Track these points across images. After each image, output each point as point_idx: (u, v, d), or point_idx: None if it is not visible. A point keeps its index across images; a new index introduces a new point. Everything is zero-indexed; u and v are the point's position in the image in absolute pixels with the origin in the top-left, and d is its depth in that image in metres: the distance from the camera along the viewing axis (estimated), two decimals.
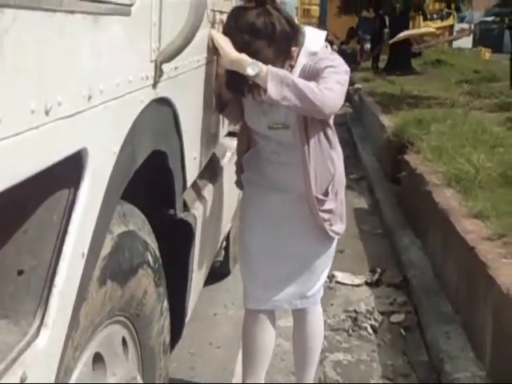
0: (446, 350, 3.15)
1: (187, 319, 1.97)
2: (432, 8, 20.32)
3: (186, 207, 1.85)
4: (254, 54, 1.98)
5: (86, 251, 1.00)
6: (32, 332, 0.85)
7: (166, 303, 1.67)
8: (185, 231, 1.81)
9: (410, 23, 20.32)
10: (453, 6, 13.60)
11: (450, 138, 5.47)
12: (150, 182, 1.49)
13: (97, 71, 0.98)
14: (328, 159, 2.31)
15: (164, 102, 1.34)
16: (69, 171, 0.91)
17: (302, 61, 2.17)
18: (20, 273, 0.83)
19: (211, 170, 2.44)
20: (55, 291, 0.89)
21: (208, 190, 2.30)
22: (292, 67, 2.15)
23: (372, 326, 3.60)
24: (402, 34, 14.86)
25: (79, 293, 0.98)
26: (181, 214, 1.77)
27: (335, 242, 2.49)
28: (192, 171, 1.83)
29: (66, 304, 0.94)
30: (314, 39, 2.21)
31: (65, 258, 0.91)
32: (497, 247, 3.16)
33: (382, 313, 3.76)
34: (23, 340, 0.82)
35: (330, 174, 2.33)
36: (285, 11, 2.13)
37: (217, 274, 3.65)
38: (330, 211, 2.35)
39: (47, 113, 0.80)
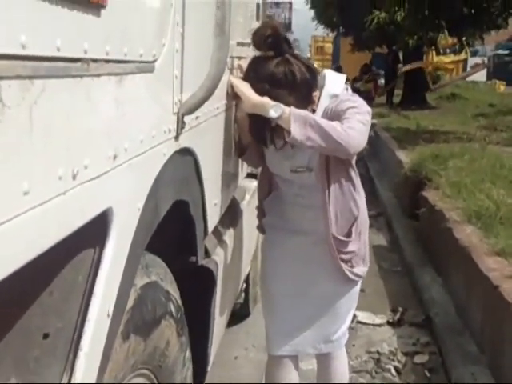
0: None
1: (209, 367, 1.94)
2: (445, 43, 20.42)
3: (207, 253, 1.84)
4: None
5: (111, 310, 0.99)
6: None
7: (188, 352, 1.64)
8: (206, 278, 1.80)
9: (424, 58, 20.46)
10: (464, 40, 13.63)
11: (469, 174, 5.44)
12: (171, 230, 1.48)
13: (122, 130, 0.98)
14: (351, 200, 2.30)
15: (186, 152, 1.34)
16: (94, 231, 0.91)
17: (323, 103, 2.18)
18: (45, 336, 0.82)
19: (231, 214, 2.43)
20: (81, 354, 0.88)
21: (228, 235, 2.29)
22: (314, 111, 2.16)
23: (395, 368, 3.53)
24: (416, 64, 14.93)
25: (104, 353, 0.96)
26: (202, 261, 1.76)
27: (359, 284, 2.46)
28: (213, 217, 1.82)
29: (92, 366, 0.93)
30: (334, 82, 2.23)
31: (90, 320, 0.90)
32: None
33: (405, 353, 3.69)
34: None
35: (353, 216, 2.31)
36: (303, 58, 2.16)
37: (237, 315, 3.62)
38: (352, 253, 2.32)
39: (74, 177, 0.80)
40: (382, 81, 20.50)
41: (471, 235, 4.06)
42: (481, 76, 29.08)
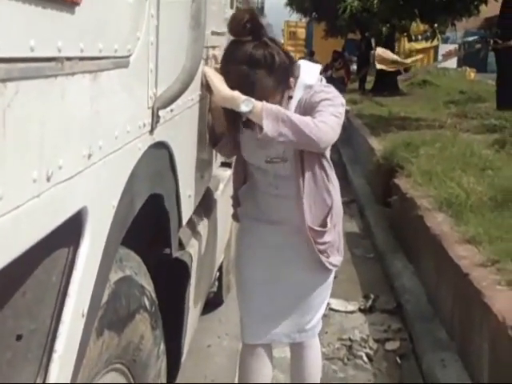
0: (441, 378, 3.13)
1: (183, 359, 1.94)
2: (416, 29, 20.54)
3: (181, 245, 1.83)
4: (253, 85, 1.99)
5: (85, 310, 0.97)
6: None
7: (162, 345, 1.64)
8: (181, 270, 1.79)
9: (396, 44, 20.55)
10: (436, 27, 13.73)
11: (440, 161, 5.49)
12: (145, 223, 1.46)
13: (97, 128, 0.97)
14: (324, 191, 2.29)
15: (160, 146, 1.33)
16: (68, 230, 0.90)
17: (297, 94, 2.17)
18: (18, 338, 0.81)
19: (205, 204, 2.42)
20: (55, 356, 0.87)
21: (202, 225, 2.28)
22: (290, 98, 2.16)
23: (367, 355, 3.58)
24: (390, 56, 14.92)
25: (79, 353, 0.95)
26: (176, 253, 1.75)
27: (333, 274, 2.46)
28: (187, 209, 1.81)
29: (66, 367, 0.92)
30: (309, 72, 2.22)
31: (64, 321, 0.89)
32: (491, 273, 3.15)
33: (376, 340, 3.74)
34: None
35: (327, 206, 2.31)
36: (280, 43, 2.16)
37: (210, 304, 3.62)
38: (327, 243, 2.32)
39: (48, 179, 0.78)
40: (354, 67, 20.57)
41: (442, 223, 4.11)
42: (451, 63, 29.31)
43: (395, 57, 15.47)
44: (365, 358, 3.54)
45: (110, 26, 0.98)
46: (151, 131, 1.23)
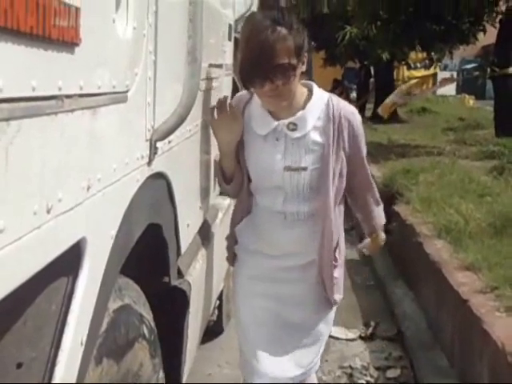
0: None
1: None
2: (415, 57, 20.74)
3: (180, 274, 1.85)
4: (275, 39, 1.91)
5: (84, 339, 1.00)
6: None
7: (161, 373, 1.65)
8: (180, 298, 1.81)
9: (395, 72, 20.73)
10: (434, 55, 13.87)
11: (439, 188, 5.53)
12: (144, 252, 1.49)
13: (95, 161, 1.00)
14: (341, 217, 2.27)
15: (158, 176, 1.36)
16: (68, 260, 0.92)
17: (317, 104, 2.15)
18: (19, 366, 0.83)
19: (204, 233, 2.44)
20: (55, 381, 0.89)
21: (201, 254, 2.30)
22: (303, 73, 2.12)
23: (368, 383, 3.57)
24: (389, 100, 14.98)
25: (78, 381, 0.97)
26: (175, 282, 1.77)
27: (334, 311, 2.38)
28: (186, 238, 1.84)
29: None
30: (319, 90, 2.22)
31: (64, 349, 0.91)
32: (490, 300, 3.17)
33: (377, 368, 3.73)
34: None
35: (337, 236, 2.23)
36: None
37: (210, 332, 3.62)
38: (336, 279, 2.24)
39: (48, 211, 0.82)
40: (354, 95, 20.72)
41: (441, 250, 4.12)
42: (450, 90, 29.54)
43: (391, 98, 15.59)
44: None
45: (108, 63, 1.02)
46: (149, 162, 1.26)
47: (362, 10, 11.59)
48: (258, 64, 1.91)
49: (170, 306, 1.77)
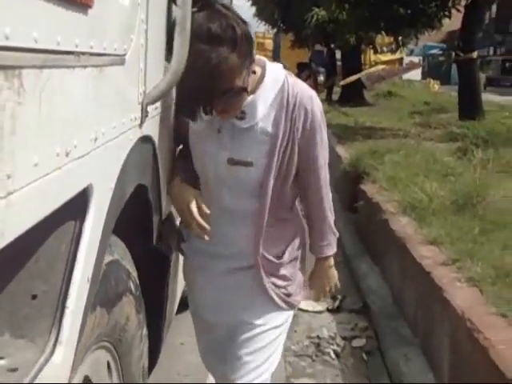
0: (405, 372, 3.28)
1: (163, 345, 2.05)
2: (382, 42, 20.95)
3: (161, 238, 1.93)
4: (217, 68, 1.60)
5: (90, 276, 1.09)
6: (48, 350, 0.94)
7: (145, 329, 1.75)
8: (161, 261, 1.90)
9: (362, 56, 20.92)
10: (400, 39, 14.06)
11: (404, 168, 5.68)
12: (129, 213, 1.57)
13: (101, 116, 1.09)
14: (293, 215, 2.08)
15: (146, 140, 1.45)
16: (76, 204, 1.01)
17: (270, 86, 1.84)
18: (34, 297, 0.92)
19: None
20: (67, 312, 0.98)
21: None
22: (253, 73, 1.80)
23: (335, 351, 3.71)
24: (354, 77, 15.24)
25: (84, 314, 1.07)
26: (157, 244, 1.86)
27: (291, 317, 2.14)
28: (167, 203, 1.92)
29: (76, 324, 1.04)
30: (274, 68, 1.89)
31: (74, 283, 1.00)
32: (451, 272, 3.30)
33: (343, 338, 3.88)
34: (42, 356, 0.92)
35: (292, 233, 2.07)
36: (235, 10, 1.74)
37: (183, 304, 3.71)
38: (284, 277, 2.03)
39: (67, 155, 0.90)
40: (321, 78, 20.86)
41: (406, 226, 4.26)
42: (416, 75, 29.90)
43: (356, 76, 15.80)
44: (332, 355, 3.67)
45: (112, 26, 1.11)
46: (140, 125, 1.34)
47: None
48: (199, 96, 1.66)
49: (151, 267, 1.85)
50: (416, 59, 33.38)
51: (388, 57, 23.76)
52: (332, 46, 20.11)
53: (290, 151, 1.87)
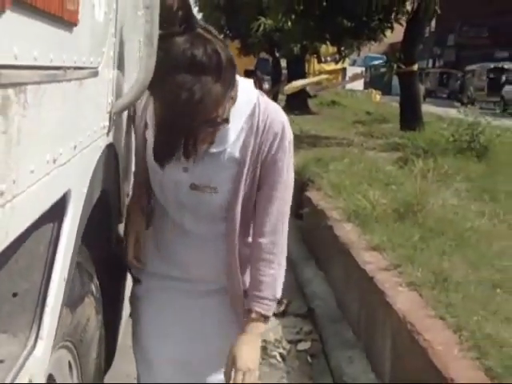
0: (348, 373, 3.39)
1: (116, 348, 2.09)
2: (325, 51, 21.32)
3: (118, 241, 1.98)
4: (201, 100, 1.47)
5: (66, 276, 1.14)
6: (30, 344, 1.00)
7: (102, 331, 1.80)
8: (118, 265, 1.95)
9: (306, 65, 21.24)
10: (343, 50, 14.38)
11: (348, 176, 5.84)
12: (91, 216, 1.62)
13: (79, 125, 1.15)
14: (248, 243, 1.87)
15: (111, 147, 1.50)
16: (54, 208, 1.06)
17: (242, 109, 1.70)
18: (14, 295, 0.97)
19: None
20: (47, 310, 1.04)
21: None
22: (233, 101, 1.66)
23: (281, 354, 3.79)
24: (298, 84, 15.45)
25: (61, 312, 1.12)
26: (115, 248, 1.91)
27: None
28: (125, 207, 1.97)
29: (54, 321, 1.09)
30: (245, 88, 1.73)
31: (54, 282, 1.06)
32: (393, 276, 3.42)
33: (289, 341, 3.97)
34: (25, 350, 0.97)
35: (247, 260, 1.86)
36: (217, 34, 1.59)
37: None
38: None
39: (54, 161, 0.96)
40: (267, 85, 21.08)
41: (350, 232, 4.39)
42: (358, 85, 30.54)
43: (301, 82, 16.02)
44: (278, 358, 3.76)
45: (90, 41, 1.17)
46: (107, 133, 1.40)
47: (277, 2, 11.88)
48: (181, 130, 1.52)
49: (109, 271, 1.90)
50: (358, 70, 34.11)
51: (331, 66, 24.22)
52: (277, 54, 20.35)
53: (254, 176, 1.76)
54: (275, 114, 1.75)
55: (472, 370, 2.42)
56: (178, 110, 1.45)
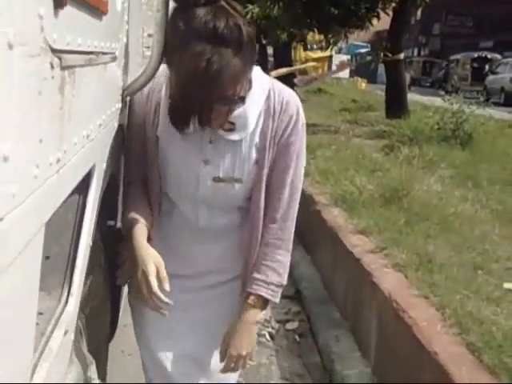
0: (336, 352, 3.50)
1: (119, 320, 2.20)
2: (312, 39, 21.38)
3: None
4: (219, 73, 1.40)
5: (91, 242, 1.25)
6: (63, 300, 1.11)
7: (108, 302, 1.90)
8: (121, 241, 2.04)
9: (292, 52, 21.30)
10: (330, 38, 14.46)
11: (335, 163, 5.97)
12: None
13: (103, 106, 1.25)
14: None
15: (120, 127, 1.60)
16: (82, 179, 1.16)
17: (257, 98, 1.65)
18: (47, 258, 1.07)
19: None
20: (77, 270, 1.15)
21: None
22: (250, 84, 1.61)
23: (270, 333, 3.91)
24: (284, 70, 15.54)
25: (86, 273, 1.24)
26: (119, 225, 2.00)
27: None
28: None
29: (82, 280, 1.20)
30: (260, 73, 1.70)
31: (81, 247, 1.16)
32: (379, 258, 3.53)
33: (278, 321, 4.08)
34: (59, 305, 1.09)
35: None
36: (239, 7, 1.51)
37: None
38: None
39: (88, 137, 1.06)
40: None
41: (337, 216, 4.50)
42: (344, 73, 30.61)
43: (287, 69, 16.10)
44: (267, 337, 3.87)
45: (112, 28, 1.27)
46: (120, 114, 1.50)
47: None
48: (197, 103, 1.45)
49: (113, 247, 2.00)
50: (344, 57, 34.16)
51: (318, 54, 24.28)
52: (264, 42, 20.39)
53: (272, 159, 1.71)
54: (290, 96, 1.70)
55: (454, 344, 2.54)
56: (195, 80, 1.39)
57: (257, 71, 1.64)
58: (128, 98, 1.57)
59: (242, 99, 1.53)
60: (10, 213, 0.65)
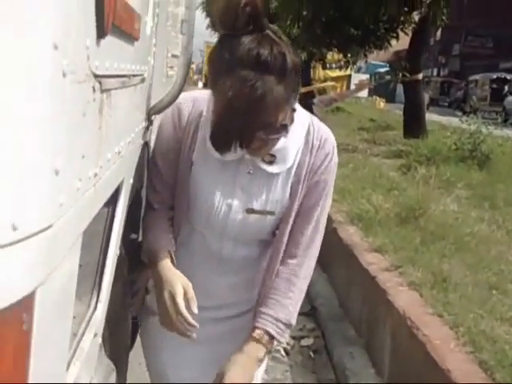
0: (350, 368, 3.53)
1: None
2: (331, 58, 21.50)
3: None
4: (261, 99, 1.38)
5: (118, 252, 1.33)
6: (92, 306, 1.18)
7: (129, 311, 1.96)
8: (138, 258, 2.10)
9: (311, 71, 21.44)
10: (349, 57, 14.57)
11: (353, 181, 6.01)
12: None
13: (133, 124, 1.33)
14: None
15: (145, 145, 1.67)
16: (112, 193, 1.24)
17: (298, 130, 1.64)
18: (80, 266, 1.14)
19: None
20: (105, 278, 1.23)
21: None
22: (292, 118, 1.56)
23: (285, 349, 3.94)
24: (302, 89, 15.66)
25: (111, 281, 1.31)
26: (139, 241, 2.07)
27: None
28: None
29: (109, 288, 1.28)
30: (298, 108, 1.62)
31: (109, 256, 1.24)
32: (394, 277, 3.57)
33: (293, 337, 4.10)
34: (89, 311, 1.16)
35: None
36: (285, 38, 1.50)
37: None
38: None
39: (119, 153, 1.13)
40: None
41: (353, 234, 4.54)
42: (363, 92, 30.68)
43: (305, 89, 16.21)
44: (282, 352, 3.90)
45: (142, 52, 1.35)
46: (145, 132, 1.58)
47: (284, 9, 12.07)
48: (239, 128, 1.42)
49: (135, 261, 2.06)
50: (363, 76, 34.25)
51: (336, 73, 24.40)
52: None
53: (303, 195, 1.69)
54: (328, 134, 1.69)
55: (467, 362, 2.58)
56: (238, 104, 1.37)
57: (297, 106, 1.60)
58: (154, 117, 1.65)
59: (285, 128, 1.49)
60: (57, 221, 0.73)
